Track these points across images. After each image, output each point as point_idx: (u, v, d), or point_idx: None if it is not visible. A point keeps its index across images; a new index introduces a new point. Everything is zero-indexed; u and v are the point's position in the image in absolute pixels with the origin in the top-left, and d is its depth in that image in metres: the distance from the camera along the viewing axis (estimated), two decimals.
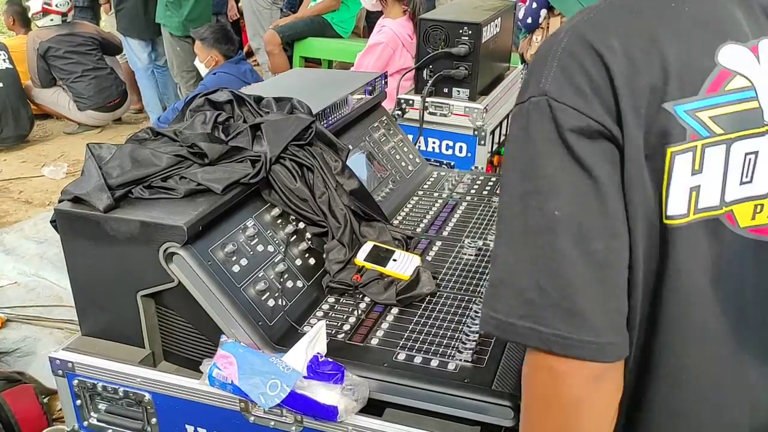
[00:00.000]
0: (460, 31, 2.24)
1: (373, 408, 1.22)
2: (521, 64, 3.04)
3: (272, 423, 1.25)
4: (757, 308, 0.76)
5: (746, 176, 0.73)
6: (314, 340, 1.22)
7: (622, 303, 0.76)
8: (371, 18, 5.49)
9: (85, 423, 1.42)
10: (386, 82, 2.14)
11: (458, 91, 2.34)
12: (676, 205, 0.72)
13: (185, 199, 1.35)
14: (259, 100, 1.66)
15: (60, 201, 1.37)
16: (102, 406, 1.40)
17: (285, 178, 1.49)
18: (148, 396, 1.34)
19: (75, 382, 1.39)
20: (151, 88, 5.57)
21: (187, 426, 1.33)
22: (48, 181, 4.81)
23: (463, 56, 2.27)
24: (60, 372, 1.39)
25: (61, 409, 2.29)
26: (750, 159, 0.72)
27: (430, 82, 2.33)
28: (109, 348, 1.40)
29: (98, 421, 1.41)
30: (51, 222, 1.43)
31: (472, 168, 2.38)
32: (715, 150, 0.72)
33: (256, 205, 1.47)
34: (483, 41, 2.27)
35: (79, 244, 1.34)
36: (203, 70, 4.38)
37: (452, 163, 2.40)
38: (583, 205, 0.73)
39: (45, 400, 2.16)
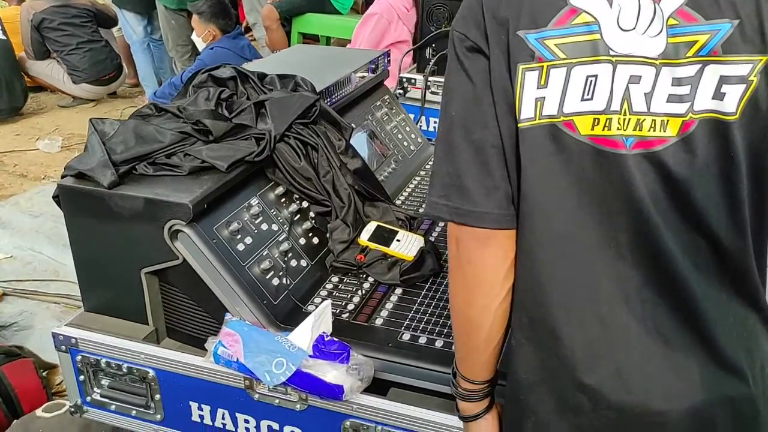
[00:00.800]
0: None
1: (378, 387, 1.23)
2: None
3: (277, 401, 1.26)
4: (594, 206, 0.89)
5: (587, 94, 0.88)
6: (320, 319, 1.23)
7: (497, 182, 0.92)
8: None
9: (88, 398, 1.42)
10: (389, 61, 2.13)
11: None
12: (526, 111, 0.89)
13: (190, 176, 1.34)
14: (262, 77, 1.65)
15: (63, 176, 1.35)
16: (105, 382, 1.41)
17: (289, 156, 1.48)
18: (152, 372, 1.34)
19: (78, 357, 1.39)
20: (146, 62, 5.50)
21: (190, 402, 1.34)
22: (43, 155, 4.77)
23: None
24: (63, 348, 1.39)
25: (60, 383, 2.30)
26: (591, 81, 0.87)
27: (432, 61, 2.31)
28: (113, 324, 1.40)
29: (101, 396, 1.41)
30: (54, 197, 1.42)
31: None
32: (558, 71, 0.88)
33: (260, 184, 1.47)
34: None
35: (83, 220, 1.34)
36: (200, 45, 4.33)
37: None
38: (467, 106, 0.92)
39: (44, 374, 2.16)
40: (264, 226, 1.41)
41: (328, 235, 1.52)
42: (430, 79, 2.34)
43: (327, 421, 1.24)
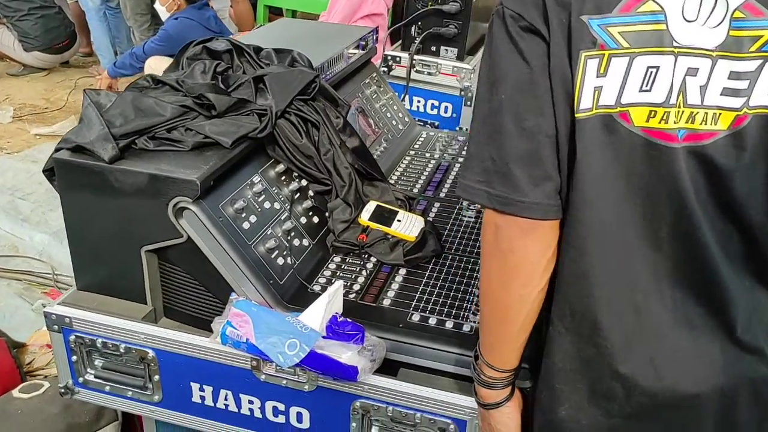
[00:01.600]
0: None
1: (387, 368, 1.23)
2: None
3: (284, 382, 1.25)
4: (639, 197, 0.89)
5: (646, 85, 0.86)
6: (332, 299, 1.21)
7: (548, 171, 0.91)
8: None
9: (81, 379, 1.38)
10: (377, 38, 2.10)
11: (446, 50, 2.31)
12: (585, 100, 0.87)
13: (193, 152, 1.30)
14: (258, 50, 1.61)
15: (58, 150, 1.29)
16: (99, 363, 1.37)
17: (290, 133, 1.45)
18: (151, 353, 1.30)
19: (72, 337, 1.34)
20: (102, 30, 5.29)
21: (191, 383, 1.31)
22: None
23: (453, 14, 2.24)
24: (56, 327, 1.34)
25: (30, 363, 2.22)
26: (651, 72, 0.86)
27: (418, 39, 2.29)
28: (109, 303, 1.36)
29: (95, 377, 1.37)
30: (44, 171, 1.36)
31: (457, 129, 2.37)
32: (619, 60, 0.86)
33: (261, 161, 1.43)
34: None
35: (79, 195, 1.28)
36: (164, 15, 4.19)
37: (436, 123, 2.38)
38: (521, 89, 0.89)
39: (15, 354, 2.08)
40: (267, 205, 1.38)
41: (327, 214, 1.50)
42: (415, 57, 2.32)
43: (336, 401, 1.23)
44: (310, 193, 1.50)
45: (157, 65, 4.15)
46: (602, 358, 0.94)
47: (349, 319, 1.20)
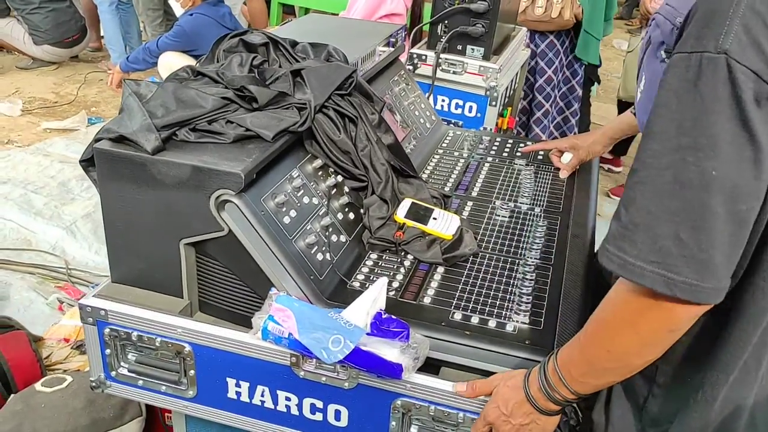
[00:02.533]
0: None
1: (427, 367, 1.21)
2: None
3: (324, 379, 1.23)
4: None
5: None
6: (377, 296, 1.20)
7: (740, 253, 0.83)
8: None
9: (113, 373, 1.36)
10: (406, 35, 2.09)
11: (472, 49, 2.30)
12: None
13: (234, 144, 1.28)
14: (294, 44, 1.59)
15: (97, 140, 1.28)
16: (132, 357, 1.35)
17: (328, 128, 1.44)
18: (188, 347, 1.29)
19: (106, 330, 1.32)
20: (114, 25, 5.29)
21: (228, 379, 1.29)
22: (3, 118, 4.54)
23: (481, 13, 2.23)
24: (90, 320, 1.32)
25: (48, 357, 2.21)
26: None
27: (445, 38, 2.28)
28: (144, 296, 1.34)
29: (129, 371, 1.35)
30: (81, 162, 1.34)
31: (481, 129, 2.36)
32: None
33: (299, 155, 1.42)
34: None
35: (120, 186, 1.27)
36: (178, 11, 4.19)
37: (460, 123, 2.37)
38: (742, 169, 0.77)
39: (35, 348, 2.07)
40: (306, 200, 1.36)
41: (363, 211, 1.49)
42: (441, 56, 2.31)
43: (376, 400, 1.22)
44: (346, 189, 1.49)
45: (171, 61, 4.14)
46: None
47: (393, 317, 1.18)
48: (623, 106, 4.22)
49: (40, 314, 2.64)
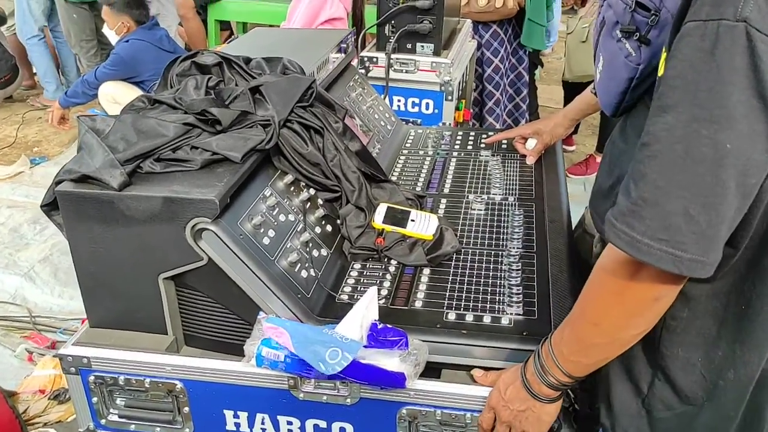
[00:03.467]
0: None
1: (429, 371, 1.20)
2: None
3: (324, 397, 1.20)
4: None
5: None
6: (368, 307, 1.17)
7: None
8: None
9: (103, 421, 1.31)
10: (355, 39, 2.07)
11: (422, 46, 2.29)
12: None
13: (203, 170, 1.24)
14: (247, 61, 1.56)
15: (58, 182, 1.22)
16: (121, 402, 1.30)
17: (295, 142, 1.41)
18: (180, 384, 1.24)
19: (91, 378, 1.27)
20: (44, 59, 5.12)
21: (225, 411, 1.25)
22: None
23: (427, 9, 2.22)
24: (72, 369, 1.27)
25: (24, 411, 2.12)
26: None
27: (393, 38, 2.27)
28: (127, 338, 1.29)
29: (119, 417, 1.30)
30: (43, 207, 1.28)
31: (440, 125, 2.36)
32: None
33: (268, 173, 1.38)
34: None
35: (88, 227, 1.21)
36: (113, 38, 4.07)
37: (419, 121, 2.36)
38: (755, 142, 0.75)
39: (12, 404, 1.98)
40: (282, 218, 1.33)
41: (340, 221, 1.46)
42: (392, 56, 2.30)
43: (381, 411, 1.20)
44: (320, 201, 1.46)
45: (111, 90, 4.04)
46: None
47: (389, 325, 1.16)
48: (569, 87, 4.29)
49: (9, 368, 2.54)
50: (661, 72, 0.84)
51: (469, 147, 1.96)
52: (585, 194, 3.63)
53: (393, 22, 2.28)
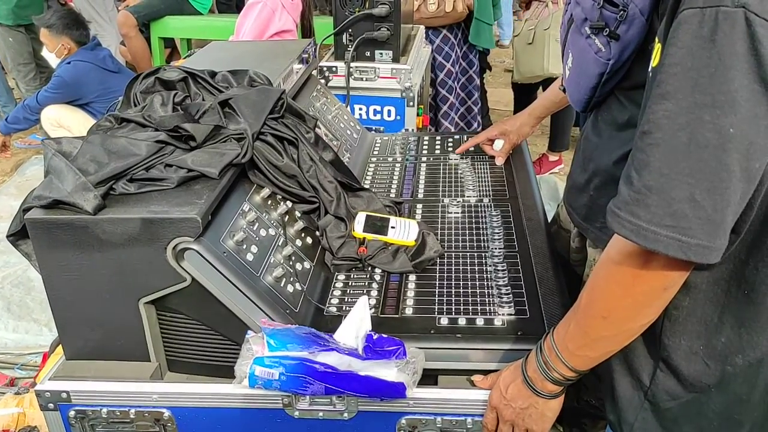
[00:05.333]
0: None
1: (425, 378, 1.18)
2: None
3: (320, 414, 1.17)
4: None
5: None
6: (362, 317, 1.15)
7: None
8: None
9: None
10: (315, 50, 2.05)
11: (381, 54, 2.28)
12: None
13: (179, 188, 1.20)
14: (213, 74, 1.52)
15: (26, 210, 1.16)
16: None
17: (270, 155, 1.38)
18: (167, 413, 1.19)
19: (71, 413, 1.21)
20: None
21: None
22: None
23: (384, 16, 2.21)
24: (51, 405, 1.21)
25: None
26: None
27: (352, 46, 2.25)
28: (108, 368, 1.23)
29: None
30: (9, 236, 1.22)
31: (403, 131, 2.35)
32: None
33: (245, 188, 1.35)
34: None
35: (61, 255, 1.15)
36: (54, 61, 3.94)
37: (382, 128, 2.35)
38: (758, 126, 0.75)
39: None
40: (263, 233, 1.30)
41: (319, 233, 1.43)
42: (352, 65, 2.28)
43: (380, 423, 1.17)
44: (297, 213, 1.43)
45: (54, 114, 3.91)
46: None
47: (384, 335, 1.14)
48: (518, 88, 4.35)
49: None
50: (655, 62, 0.85)
51: (437, 151, 1.95)
52: (543, 192, 3.67)
53: (350, 30, 2.27)
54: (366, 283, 1.35)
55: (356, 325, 1.14)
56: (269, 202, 1.38)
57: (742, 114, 0.74)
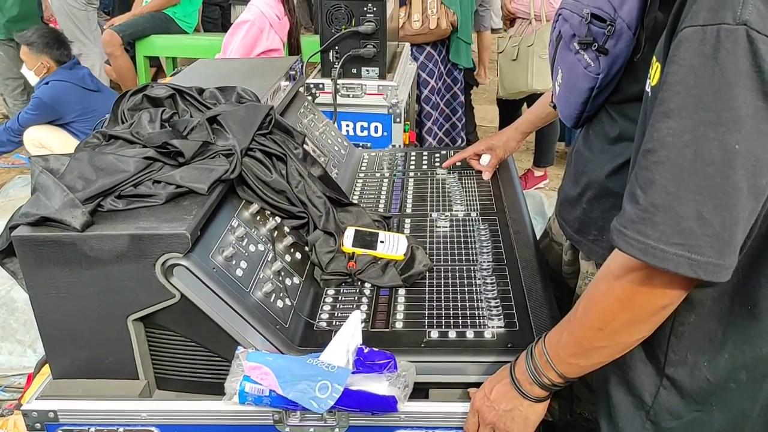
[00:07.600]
0: (365, 8, 2.20)
1: (416, 392, 1.17)
2: None
3: (312, 430, 1.17)
4: None
5: None
6: (353, 332, 1.15)
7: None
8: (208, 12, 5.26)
9: None
10: (302, 67, 2.06)
11: (367, 71, 2.30)
12: None
13: (168, 204, 1.20)
14: (200, 91, 1.53)
15: (12, 227, 1.15)
16: None
17: (258, 171, 1.38)
18: (156, 431, 1.18)
19: None
20: None
21: None
22: None
23: (370, 34, 2.23)
24: (38, 425, 1.19)
25: None
26: None
27: (338, 63, 2.27)
28: (96, 386, 1.22)
29: None
30: None
31: (390, 147, 2.36)
32: None
33: (233, 204, 1.35)
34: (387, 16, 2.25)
35: (49, 272, 1.14)
36: (33, 79, 3.92)
37: (368, 145, 2.36)
38: (764, 142, 0.75)
39: None
40: (252, 248, 1.29)
41: (308, 248, 1.44)
42: (338, 82, 2.29)
43: None
44: (286, 229, 1.43)
45: (37, 135, 3.89)
46: None
47: (376, 349, 1.14)
48: (503, 104, 4.39)
49: None
50: (654, 81, 0.86)
51: (424, 167, 1.96)
52: (529, 207, 3.68)
53: (337, 48, 2.28)
54: (356, 298, 1.35)
55: (347, 340, 1.13)
56: (258, 217, 1.38)
57: (747, 130, 0.75)
